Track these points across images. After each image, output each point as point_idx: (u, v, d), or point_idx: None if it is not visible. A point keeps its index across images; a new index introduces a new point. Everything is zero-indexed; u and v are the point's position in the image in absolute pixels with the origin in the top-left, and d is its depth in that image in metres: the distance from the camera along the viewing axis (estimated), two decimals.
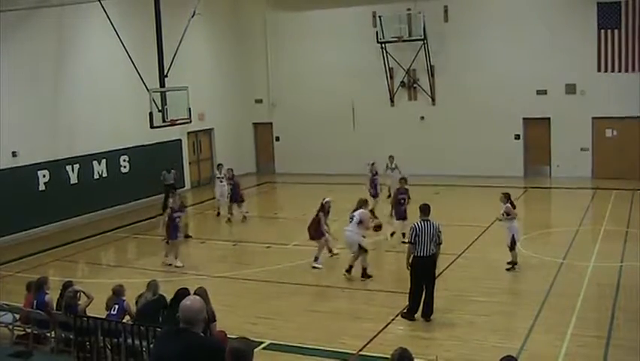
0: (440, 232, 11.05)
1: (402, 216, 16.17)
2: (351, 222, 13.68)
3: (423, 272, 10.98)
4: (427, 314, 11.10)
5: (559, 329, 10.38)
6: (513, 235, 13.71)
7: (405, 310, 11.29)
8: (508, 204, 13.86)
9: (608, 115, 23.40)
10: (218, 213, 20.30)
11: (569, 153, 24.02)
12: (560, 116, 23.98)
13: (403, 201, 16.22)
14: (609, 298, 11.84)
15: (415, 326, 10.95)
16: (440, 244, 11.09)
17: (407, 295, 11.25)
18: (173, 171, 21.43)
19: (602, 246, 15.29)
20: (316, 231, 14.68)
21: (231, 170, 19.98)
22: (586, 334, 10.24)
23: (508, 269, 13.71)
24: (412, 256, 10.99)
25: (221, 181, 20.21)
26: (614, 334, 10.19)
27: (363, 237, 13.71)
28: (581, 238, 16.29)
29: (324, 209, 14.86)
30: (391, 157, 21.10)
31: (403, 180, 17.01)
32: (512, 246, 13.73)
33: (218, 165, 21.33)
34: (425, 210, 11.22)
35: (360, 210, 13.73)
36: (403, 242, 14.92)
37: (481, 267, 14.14)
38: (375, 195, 19.12)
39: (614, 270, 13.39)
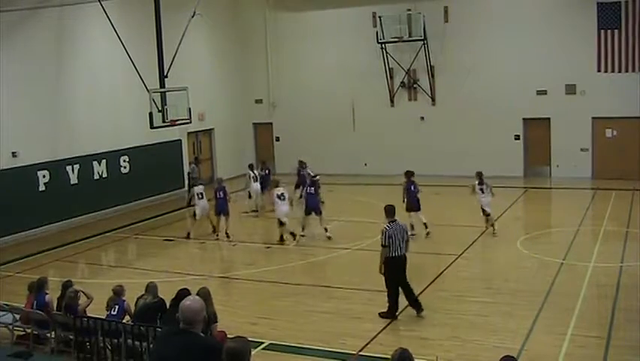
0: (407, 230, 11.50)
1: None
2: (284, 200, 16.62)
3: (399, 271, 11.17)
4: (419, 309, 11.24)
5: (559, 330, 10.38)
6: (482, 206, 16.72)
7: (385, 311, 11.28)
8: (476, 182, 16.84)
9: (608, 115, 23.38)
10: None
11: (568, 153, 24.00)
12: (560, 117, 23.97)
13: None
14: (609, 299, 11.84)
15: (415, 326, 10.96)
16: (408, 241, 11.33)
17: (392, 296, 11.29)
18: (199, 164, 22.62)
19: (602, 246, 15.29)
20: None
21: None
22: (586, 334, 10.23)
23: (493, 234, 16.46)
24: (385, 258, 11.12)
25: (255, 180, 20.41)
26: (614, 334, 10.18)
27: None
28: (581, 238, 16.29)
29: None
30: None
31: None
32: (485, 213, 16.73)
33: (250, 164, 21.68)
34: (391, 211, 11.41)
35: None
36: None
37: (481, 267, 14.15)
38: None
39: (614, 270, 13.39)
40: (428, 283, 13.09)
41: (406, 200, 16.45)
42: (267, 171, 21.63)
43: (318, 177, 18.11)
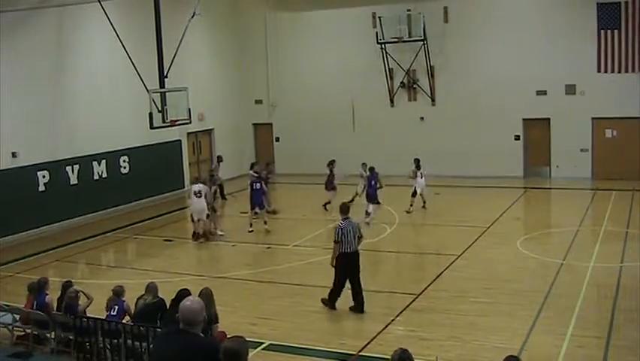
0: (360, 227, 11.81)
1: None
2: (200, 197, 17.13)
3: (350, 267, 11.58)
4: (360, 306, 11.64)
5: (559, 330, 10.38)
6: (415, 188, 19.63)
7: (327, 299, 11.83)
8: (414, 167, 19.87)
9: (608, 115, 23.38)
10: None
11: (568, 154, 24.00)
12: (560, 117, 23.97)
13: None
14: (609, 299, 11.85)
15: (414, 326, 10.97)
16: (361, 237, 11.73)
17: (336, 286, 11.71)
18: (222, 163, 22.89)
19: (602, 246, 15.28)
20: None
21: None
22: (586, 334, 10.23)
23: (407, 211, 19.29)
24: (337, 253, 11.54)
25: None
26: (613, 334, 10.18)
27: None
28: (581, 238, 16.30)
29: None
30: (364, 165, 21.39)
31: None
32: (413, 194, 19.59)
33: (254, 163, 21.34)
34: (345, 209, 11.90)
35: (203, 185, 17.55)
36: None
37: (481, 267, 14.14)
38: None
39: (614, 270, 13.39)
40: (428, 283, 13.11)
41: (365, 191, 18.70)
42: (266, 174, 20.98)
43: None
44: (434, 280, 13.36)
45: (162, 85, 18.90)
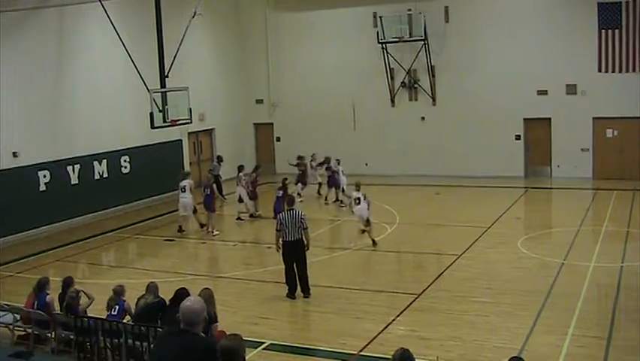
0: (304, 218, 12.47)
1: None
2: (184, 192, 18.18)
3: (291, 254, 12.37)
4: (304, 292, 12.44)
5: (559, 330, 10.38)
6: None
7: (287, 292, 12.44)
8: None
9: (609, 115, 23.36)
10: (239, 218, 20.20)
11: (569, 154, 23.99)
12: (561, 117, 23.96)
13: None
14: (610, 299, 11.86)
15: (415, 326, 10.96)
16: (306, 228, 12.44)
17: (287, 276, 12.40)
18: (222, 162, 23.07)
19: (603, 246, 15.28)
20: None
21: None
22: (586, 334, 10.23)
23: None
24: (280, 240, 12.50)
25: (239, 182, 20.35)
26: (614, 334, 10.18)
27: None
28: (582, 238, 16.29)
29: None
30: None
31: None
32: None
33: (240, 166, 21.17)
34: (290, 202, 13.06)
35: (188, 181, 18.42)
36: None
37: (481, 267, 14.14)
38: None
39: (614, 270, 13.39)
40: (429, 283, 13.11)
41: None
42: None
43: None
44: (435, 280, 13.36)
45: (163, 85, 18.90)
